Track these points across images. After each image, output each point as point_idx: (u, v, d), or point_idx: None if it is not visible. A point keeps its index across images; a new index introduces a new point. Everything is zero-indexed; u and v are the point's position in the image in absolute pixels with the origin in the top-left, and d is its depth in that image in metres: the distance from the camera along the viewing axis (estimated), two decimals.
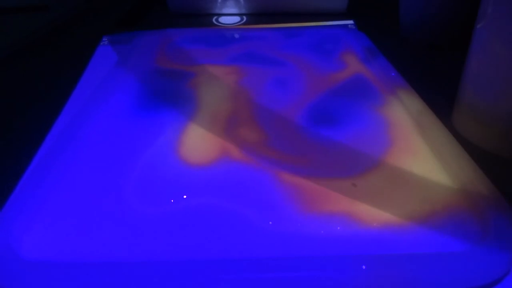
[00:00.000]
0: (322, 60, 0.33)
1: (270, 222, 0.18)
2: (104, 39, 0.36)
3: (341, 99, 0.27)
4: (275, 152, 0.22)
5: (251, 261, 0.16)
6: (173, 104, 0.27)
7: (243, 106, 0.27)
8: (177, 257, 0.16)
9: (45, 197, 0.19)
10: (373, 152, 0.22)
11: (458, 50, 0.26)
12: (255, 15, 0.45)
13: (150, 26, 0.39)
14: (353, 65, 0.32)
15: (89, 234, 0.17)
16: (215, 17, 0.45)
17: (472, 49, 0.24)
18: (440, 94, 0.28)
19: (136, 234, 0.17)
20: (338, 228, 0.18)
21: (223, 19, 0.44)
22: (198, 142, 0.23)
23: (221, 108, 0.26)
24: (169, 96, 0.28)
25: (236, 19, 0.45)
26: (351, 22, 0.41)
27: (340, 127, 0.24)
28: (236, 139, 0.23)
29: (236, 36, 0.38)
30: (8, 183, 0.20)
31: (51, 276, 0.15)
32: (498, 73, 0.22)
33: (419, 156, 0.22)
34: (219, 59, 0.33)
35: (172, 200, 0.19)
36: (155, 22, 0.45)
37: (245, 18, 0.45)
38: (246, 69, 0.31)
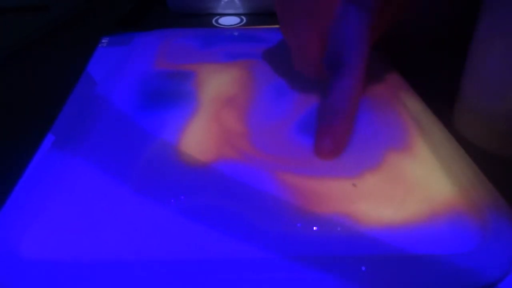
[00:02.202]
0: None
1: (270, 222, 0.18)
2: (103, 40, 0.36)
3: None
4: (275, 153, 0.22)
5: (251, 261, 0.16)
6: (172, 104, 0.27)
7: (242, 107, 0.27)
8: (177, 257, 0.16)
9: (44, 196, 0.19)
10: (373, 152, 0.22)
11: (458, 50, 0.26)
12: (255, 15, 0.45)
13: (150, 26, 0.39)
14: None
15: (88, 233, 0.17)
16: (214, 19, 0.45)
17: (472, 49, 0.24)
18: (440, 94, 0.28)
19: (135, 233, 0.17)
20: (338, 228, 0.18)
21: (223, 20, 0.44)
22: (197, 142, 0.23)
23: (220, 108, 0.26)
24: (168, 96, 0.28)
25: (236, 20, 0.45)
26: None
27: None
28: (236, 139, 0.23)
29: (236, 36, 0.38)
30: (7, 183, 0.20)
31: (51, 275, 0.15)
32: (498, 73, 0.22)
33: (419, 157, 0.22)
34: (219, 59, 0.33)
35: (172, 200, 0.19)
36: (155, 22, 0.45)
37: (244, 19, 0.45)
38: (245, 69, 0.31)
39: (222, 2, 0.45)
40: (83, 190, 0.20)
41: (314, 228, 0.18)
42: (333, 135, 0.22)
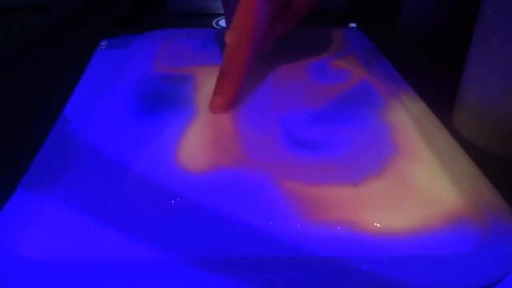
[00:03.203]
0: (323, 62, 0.33)
1: (271, 223, 0.18)
2: (102, 43, 0.36)
3: (343, 103, 0.27)
4: (276, 158, 0.22)
5: (251, 261, 0.16)
6: (170, 108, 0.26)
7: (241, 111, 0.26)
8: (177, 257, 0.16)
9: (45, 196, 0.19)
10: (375, 155, 0.22)
11: (458, 50, 0.26)
12: None
13: (150, 26, 0.39)
14: (354, 67, 0.32)
15: (88, 233, 0.17)
16: (215, 20, 0.45)
17: (472, 49, 0.24)
18: (440, 94, 0.28)
19: (135, 233, 0.17)
20: (339, 228, 0.18)
21: (223, 22, 0.44)
22: (196, 147, 0.23)
23: (218, 112, 0.26)
24: (166, 100, 0.27)
25: None
26: (352, 24, 0.41)
27: (342, 130, 0.24)
28: (235, 146, 0.23)
29: None
30: (8, 183, 0.20)
31: (51, 275, 0.15)
32: (498, 73, 0.22)
33: (420, 159, 0.22)
34: (218, 61, 0.33)
35: (172, 201, 0.19)
36: (155, 22, 0.45)
37: None
38: None
39: None
40: (83, 190, 0.20)
41: (314, 228, 0.18)
42: (220, 94, 0.26)
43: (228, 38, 0.26)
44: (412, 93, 0.27)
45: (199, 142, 0.23)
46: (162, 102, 0.27)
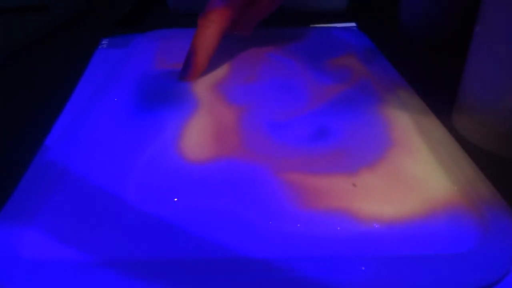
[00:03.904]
0: (323, 62, 0.33)
1: (270, 222, 0.18)
2: (103, 42, 0.36)
3: (342, 101, 0.27)
4: (275, 152, 0.22)
5: (251, 261, 0.16)
6: (172, 104, 0.27)
7: (242, 103, 0.27)
8: (176, 256, 0.16)
9: (45, 197, 0.19)
10: (373, 152, 0.22)
11: (458, 50, 0.26)
12: None
13: (150, 26, 0.39)
14: (354, 66, 0.32)
15: (89, 234, 0.17)
16: None
17: (472, 49, 0.24)
18: (440, 94, 0.28)
19: (136, 234, 0.17)
20: (338, 228, 0.18)
21: None
22: (196, 142, 0.23)
23: (219, 108, 0.26)
24: (167, 97, 0.28)
25: None
26: (352, 24, 0.41)
27: (341, 127, 0.24)
28: (234, 139, 0.23)
29: (234, 36, 0.38)
30: (8, 183, 0.20)
31: (51, 275, 0.15)
32: (498, 73, 0.22)
33: (418, 157, 0.22)
34: (217, 59, 0.33)
35: (175, 199, 0.19)
36: (155, 22, 0.45)
37: None
38: (243, 70, 0.31)
39: None
40: (83, 190, 0.20)
41: (314, 228, 0.18)
42: (187, 66, 0.30)
43: (199, 21, 0.30)
44: (411, 92, 0.27)
45: (200, 137, 0.23)
46: (163, 99, 0.27)
